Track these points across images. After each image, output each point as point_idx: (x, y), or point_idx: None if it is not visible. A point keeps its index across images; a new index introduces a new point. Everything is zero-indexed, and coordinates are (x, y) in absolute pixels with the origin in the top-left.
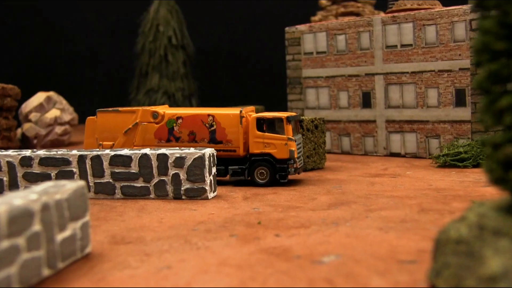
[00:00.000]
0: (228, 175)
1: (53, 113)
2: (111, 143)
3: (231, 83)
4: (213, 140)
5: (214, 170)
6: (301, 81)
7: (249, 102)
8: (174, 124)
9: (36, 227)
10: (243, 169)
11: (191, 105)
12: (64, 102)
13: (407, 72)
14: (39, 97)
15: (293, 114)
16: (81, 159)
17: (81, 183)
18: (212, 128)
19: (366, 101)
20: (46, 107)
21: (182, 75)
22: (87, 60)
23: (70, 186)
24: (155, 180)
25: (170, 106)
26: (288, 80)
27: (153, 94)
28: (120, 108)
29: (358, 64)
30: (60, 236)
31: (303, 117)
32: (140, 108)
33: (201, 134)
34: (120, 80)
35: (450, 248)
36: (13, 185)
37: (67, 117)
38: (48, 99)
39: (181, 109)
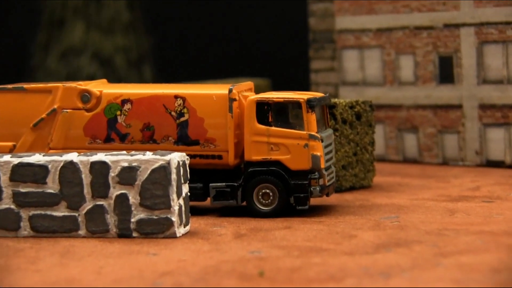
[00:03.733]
0: (209, 198)
1: None
2: (11, 143)
3: (212, 40)
4: (183, 140)
5: (186, 189)
6: (334, 37)
7: (245, 73)
8: (119, 113)
9: None
10: (234, 188)
11: (143, 80)
12: None
13: None
14: None
15: (319, 94)
16: None
17: None
18: (183, 119)
19: (446, 71)
20: None
21: (126, 24)
22: None
23: None
24: (88, 205)
25: (110, 81)
26: (311, 35)
27: (74, 58)
28: (25, 85)
29: (431, 9)
30: None
31: (336, 101)
32: (59, 84)
33: (164, 129)
34: (17, 35)
35: None
36: None
37: None
38: None
39: (130, 86)
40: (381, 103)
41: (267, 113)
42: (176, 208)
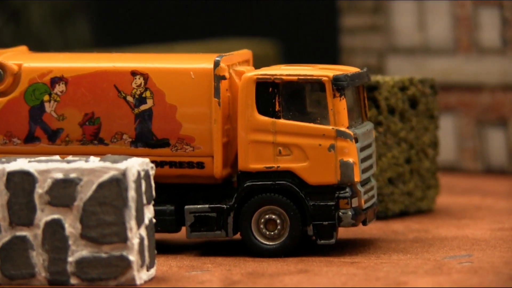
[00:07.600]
0: (184, 228)
1: None
2: None
3: None
4: (145, 139)
5: (150, 214)
6: None
7: (239, 32)
8: (47, 98)
9: None
10: (222, 213)
11: (76, 43)
12: None
13: None
14: None
15: (353, 69)
16: None
17: None
18: (144, 108)
19: None
20: None
21: None
22: None
23: None
24: (3, 238)
25: (32, 49)
26: None
27: None
28: None
29: None
30: None
31: (379, 79)
32: None
33: (116, 122)
34: None
35: None
36: None
37: None
38: None
39: (63, 57)
40: (450, 81)
41: (273, 98)
42: (136, 242)
